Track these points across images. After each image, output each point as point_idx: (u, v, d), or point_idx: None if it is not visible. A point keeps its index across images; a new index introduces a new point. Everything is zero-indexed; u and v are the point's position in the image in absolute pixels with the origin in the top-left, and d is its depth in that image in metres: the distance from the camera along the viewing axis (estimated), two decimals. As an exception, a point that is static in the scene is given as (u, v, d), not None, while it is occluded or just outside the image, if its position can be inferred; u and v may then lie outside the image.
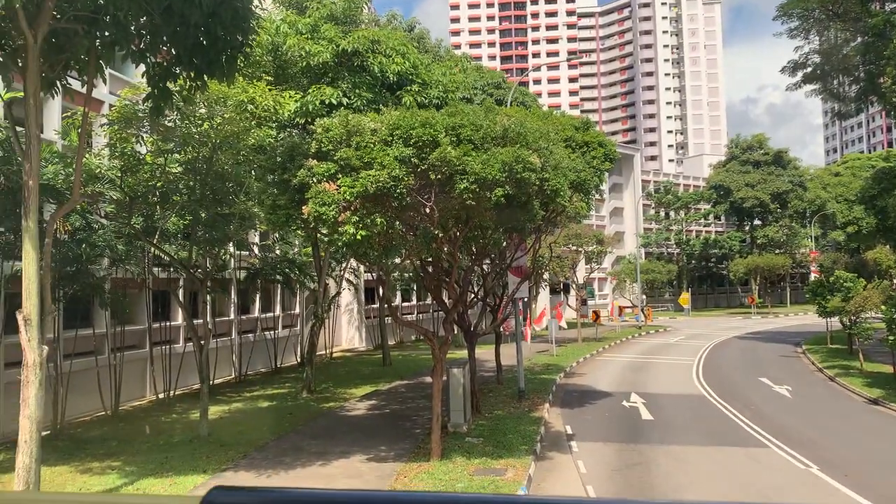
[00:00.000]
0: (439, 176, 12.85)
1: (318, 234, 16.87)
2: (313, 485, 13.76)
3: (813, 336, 42.04)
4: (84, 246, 18.97)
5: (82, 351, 21.10)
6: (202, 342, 18.38)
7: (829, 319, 34.72)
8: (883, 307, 24.57)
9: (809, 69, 40.81)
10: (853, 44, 38.06)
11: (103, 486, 13.75)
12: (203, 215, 18.74)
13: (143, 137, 17.62)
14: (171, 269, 23.68)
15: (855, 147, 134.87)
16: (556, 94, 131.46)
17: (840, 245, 79.16)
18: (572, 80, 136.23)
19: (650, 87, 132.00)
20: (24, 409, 11.01)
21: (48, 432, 17.25)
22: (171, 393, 24.04)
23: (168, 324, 25.61)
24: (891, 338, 23.14)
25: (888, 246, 57.79)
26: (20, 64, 11.33)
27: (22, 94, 11.54)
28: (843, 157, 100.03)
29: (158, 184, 18.06)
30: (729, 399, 23.02)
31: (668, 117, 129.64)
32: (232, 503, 0.73)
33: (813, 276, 62.97)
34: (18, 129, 12.14)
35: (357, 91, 19.32)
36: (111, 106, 19.75)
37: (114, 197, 18.33)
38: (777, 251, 74.92)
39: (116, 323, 22.51)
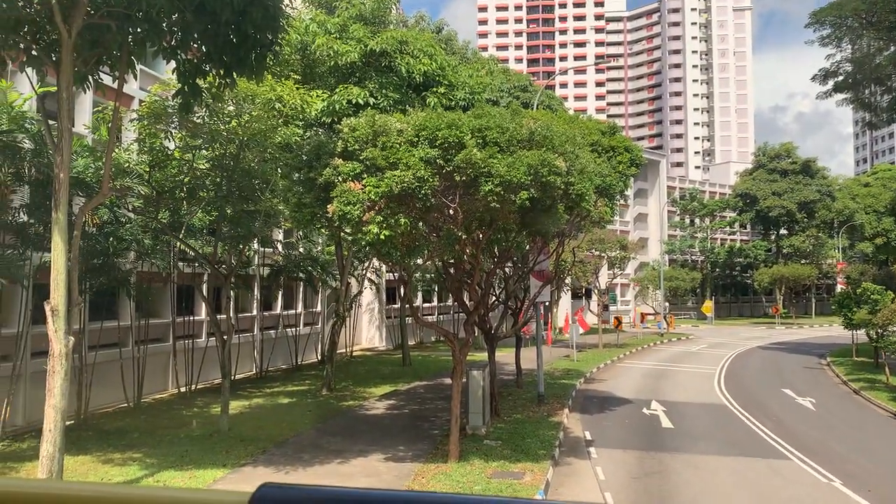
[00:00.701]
0: (464, 178, 12.85)
1: (342, 233, 16.94)
2: (331, 483, 13.82)
3: (838, 348, 41.45)
4: (111, 239, 19.23)
5: (107, 343, 21.38)
6: (225, 337, 18.53)
7: (854, 332, 34.22)
8: (911, 321, 24.18)
9: (841, 78, 40.31)
10: (886, 53, 37.53)
11: (124, 476, 13.90)
12: (229, 211, 18.90)
13: (171, 133, 17.82)
14: (196, 265, 23.92)
15: (885, 157, 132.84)
16: (582, 98, 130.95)
17: (868, 257, 77.98)
18: (599, 84, 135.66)
19: (678, 93, 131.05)
20: (50, 399, 11.17)
21: (72, 422, 17.49)
22: (193, 387, 24.28)
23: (191, 318, 25.86)
24: (919, 352, 22.75)
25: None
26: (54, 58, 11.52)
27: (55, 88, 11.72)
28: (874, 168, 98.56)
29: (186, 179, 18.25)
30: (751, 409, 22.76)
31: (696, 124, 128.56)
32: (281, 499, 0.73)
33: (839, 288, 62.15)
34: (51, 122, 12.34)
35: (384, 91, 19.39)
36: (141, 101, 20.00)
37: (142, 191, 18.55)
38: (803, 261, 74.03)
39: (141, 316, 22.78)
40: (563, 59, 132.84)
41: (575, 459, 16.39)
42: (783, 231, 77.51)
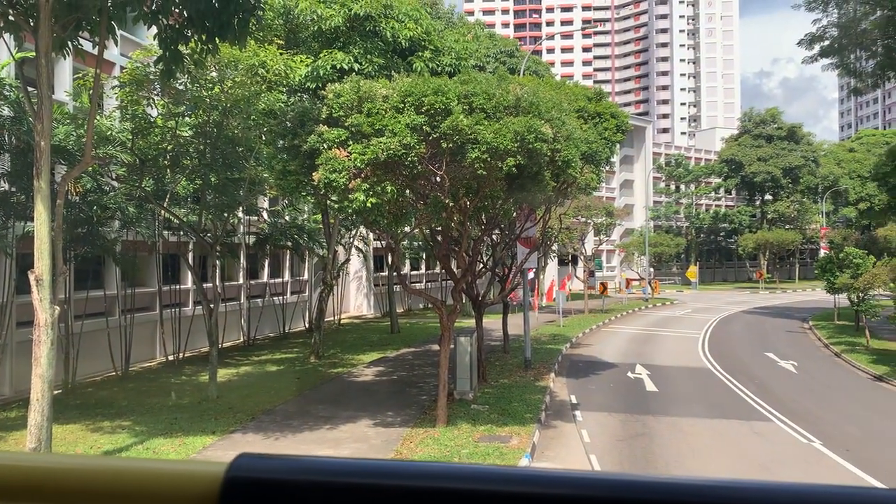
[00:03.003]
0: (451, 144, 12.79)
1: (329, 201, 16.88)
2: (320, 447, 13.96)
3: (820, 312, 41.99)
4: (95, 208, 19.08)
5: (93, 312, 21.31)
6: (212, 306, 18.52)
7: (836, 296, 34.66)
8: (892, 284, 24.53)
9: (827, 43, 40.17)
10: (872, 17, 37.41)
11: (114, 444, 13.97)
12: (213, 179, 18.77)
13: (153, 100, 17.59)
14: (181, 233, 23.80)
15: (870, 123, 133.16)
16: (569, 63, 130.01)
17: (851, 222, 78.61)
18: (586, 49, 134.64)
19: (664, 59, 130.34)
20: (36, 368, 11.17)
21: (60, 391, 17.51)
22: (181, 355, 24.30)
23: (178, 287, 25.79)
24: (899, 315, 23.10)
25: (900, 223, 57.39)
26: (31, 24, 11.29)
27: (33, 54, 11.52)
28: (858, 133, 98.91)
29: (169, 147, 18.07)
30: (734, 373, 23.09)
31: (682, 89, 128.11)
32: (259, 470, 0.75)
33: (822, 253, 62.68)
34: (30, 89, 12.15)
35: (368, 56, 19.16)
36: (122, 68, 19.69)
37: (125, 160, 18.37)
38: (787, 227, 74.54)
39: (127, 285, 22.69)
40: (549, 23, 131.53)
41: (561, 422, 16.61)
42: (768, 196, 77.86)
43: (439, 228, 17.25)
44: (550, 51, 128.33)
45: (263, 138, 18.55)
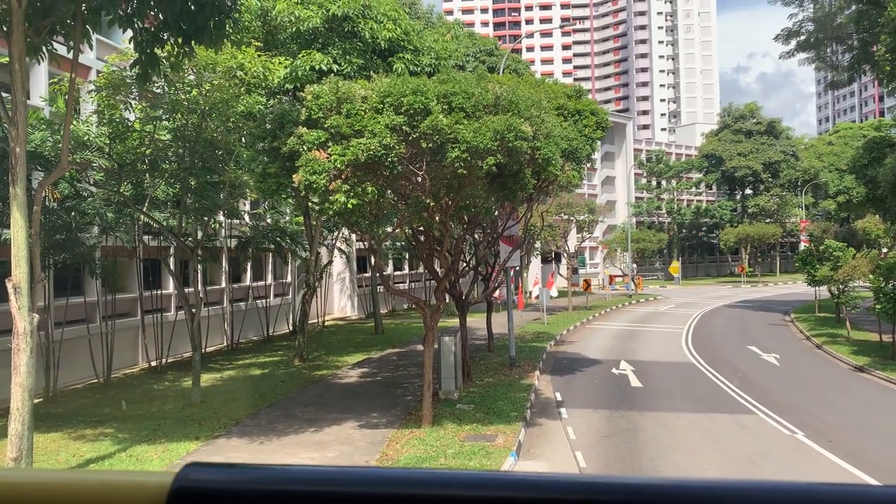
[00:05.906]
0: (430, 144, 12.77)
1: (310, 203, 16.81)
2: (306, 450, 13.90)
3: (801, 305, 42.38)
4: (73, 214, 18.88)
5: (73, 319, 21.09)
6: (193, 310, 18.39)
7: (817, 288, 34.98)
8: (871, 276, 24.78)
9: (803, 37, 40.61)
10: (847, 11, 37.83)
11: (96, 452, 13.83)
12: (192, 183, 18.62)
13: (131, 104, 17.44)
14: (162, 238, 23.61)
15: (847, 116, 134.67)
16: (549, 61, 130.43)
17: (831, 214, 79.41)
18: (565, 47, 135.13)
19: (643, 55, 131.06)
20: (16, 377, 11.04)
21: (40, 400, 17.32)
22: (163, 361, 24.10)
23: (159, 292, 25.58)
24: (877, 306, 23.36)
25: (877, 215, 58.04)
26: (4, 28, 11.15)
27: (7, 59, 11.37)
28: (835, 127, 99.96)
29: (147, 151, 17.92)
30: (717, 367, 23.25)
31: (661, 85, 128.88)
32: (206, 481, 0.73)
33: (803, 246, 63.24)
34: (4, 95, 12.00)
35: (347, 57, 19.12)
36: (99, 72, 19.50)
37: (102, 164, 18.19)
38: (768, 220, 75.19)
39: (107, 291, 22.47)
40: (528, 22, 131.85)
41: (546, 420, 16.64)
42: (748, 191, 78.53)
43: (421, 228, 17.22)
44: (530, 49, 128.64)
45: (243, 141, 18.46)
